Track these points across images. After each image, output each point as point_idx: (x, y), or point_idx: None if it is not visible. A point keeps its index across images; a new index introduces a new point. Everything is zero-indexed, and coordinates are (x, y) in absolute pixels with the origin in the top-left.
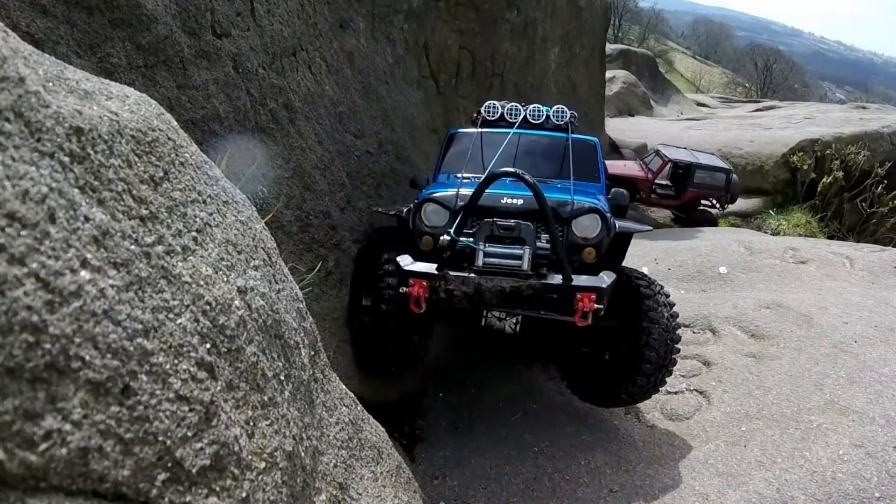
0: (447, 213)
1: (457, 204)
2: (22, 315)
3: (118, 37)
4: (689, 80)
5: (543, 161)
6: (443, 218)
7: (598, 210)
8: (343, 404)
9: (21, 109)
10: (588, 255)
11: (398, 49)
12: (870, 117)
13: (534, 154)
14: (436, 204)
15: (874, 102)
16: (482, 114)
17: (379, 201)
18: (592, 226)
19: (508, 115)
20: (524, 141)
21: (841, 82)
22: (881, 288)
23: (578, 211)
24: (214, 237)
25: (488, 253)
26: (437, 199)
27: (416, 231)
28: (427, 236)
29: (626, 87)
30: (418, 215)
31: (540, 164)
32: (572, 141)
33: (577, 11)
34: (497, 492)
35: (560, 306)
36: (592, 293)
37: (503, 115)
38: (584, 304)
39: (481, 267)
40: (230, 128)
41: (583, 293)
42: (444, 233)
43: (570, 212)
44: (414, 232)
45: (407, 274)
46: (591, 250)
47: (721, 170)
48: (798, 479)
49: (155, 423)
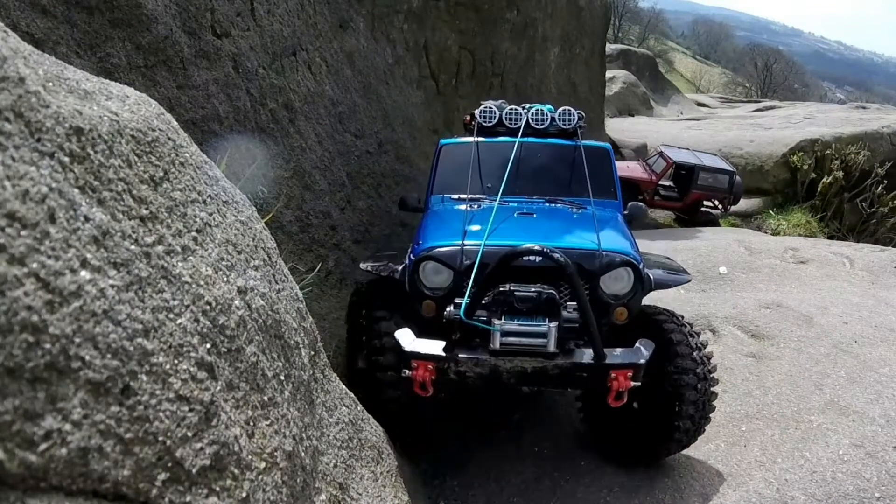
0: (451, 273)
1: (462, 262)
2: (22, 315)
3: (118, 37)
4: (689, 80)
5: (551, 176)
6: (446, 278)
7: (631, 263)
8: (343, 404)
9: (21, 109)
10: (619, 316)
11: (398, 49)
12: (870, 117)
13: (539, 167)
14: (437, 262)
15: (874, 102)
16: (477, 119)
17: (379, 201)
18: (624, 282)
19: (507, 119)
20: (527, 152)
21: (841, 82)
22: (881, 288)
23: (608, 265)
24: (214, 237)
25: (506, 331)
26: (437, 258)
27: (414, 293)
28: (428, 301)
29: (626, 87)
30: (416, 275)
31: (547, 179)
32: (584, 150)
33: (577, 11)
34: (497, 492)
35: (591, 384)
36: (629, 370)
37: (501, 119)
38: (618, 384)
39: (498, 349)
40: (230, 128)
41: (617, 371)
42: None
43: (599, 266)
44: (412, 294)
45: (410, 356)
46: (623, 310)
47: (724, 171)
48: (798, 479)
49: (155, 423)
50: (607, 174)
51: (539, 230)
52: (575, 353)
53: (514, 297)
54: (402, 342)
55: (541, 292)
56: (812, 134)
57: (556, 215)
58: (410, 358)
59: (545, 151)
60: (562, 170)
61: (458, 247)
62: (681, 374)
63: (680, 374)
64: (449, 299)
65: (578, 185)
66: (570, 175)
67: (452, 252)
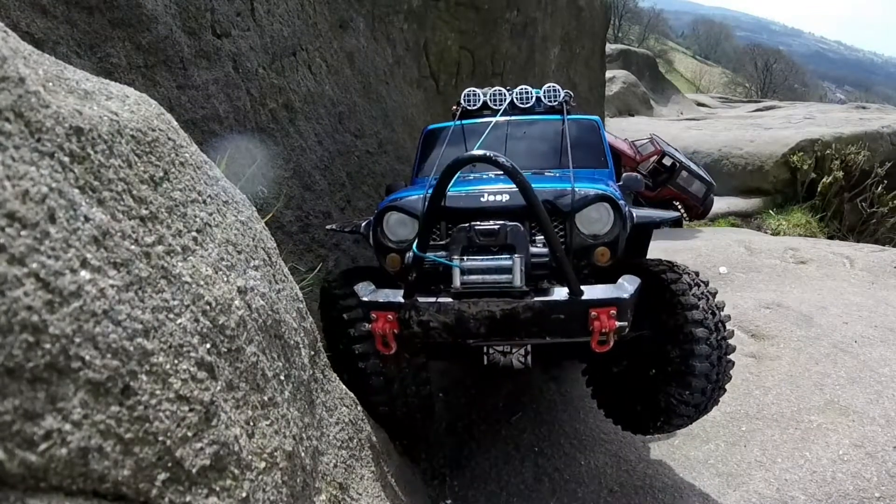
0: (415, 222)
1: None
2: (22, 315)
3: (118, 37)
4: (689, 80)
5: (538, 150)
6: (410, 230)
7: (607, 197)
8: (343, 404)
9: (21, 109)
10: (601, 257)
11: (398, 49)
12: (870, 117)
13: (526, 143)
14: (400, 213)
15: (874, 102)
16: (462, 104)
17: (379, 201)
18: (603, 218)
19: (492, 101)
20: (513, 129)
21: (841, 82)
22: (881, 288)
23: (582, 201)
24: (214, 237)
25: (467, 269)
26: (400, 207)
27: (379, 248)
28: (393, 254)
29: (626, 87)
30: (380, 228)
31: (534, 153)
32: (570, 123)
33: (577, 11)
34: (497, 492)
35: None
36: (611, 307)
37: (486, 102)
38: (601, 324)
39: (460, 288)
40: (230, 128)
41: (598, 309)
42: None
43: (572, 203)
44: (377, 250)
45: (367, 306)
46: (605, 250)
47: (704, 181)
48: (798, 479)
49: (155, 423)
50: (596, 145)
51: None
52: (549, 292)
53: (475, 231)
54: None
55: (504, 225)
56: (812, 134)
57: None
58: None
59: (531, 128)
60: (549, 145)
61: (423, 197)
62: (689, 324)
63: (686, 314)
64: None
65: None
66: (559, 149)
67: (415, 200)
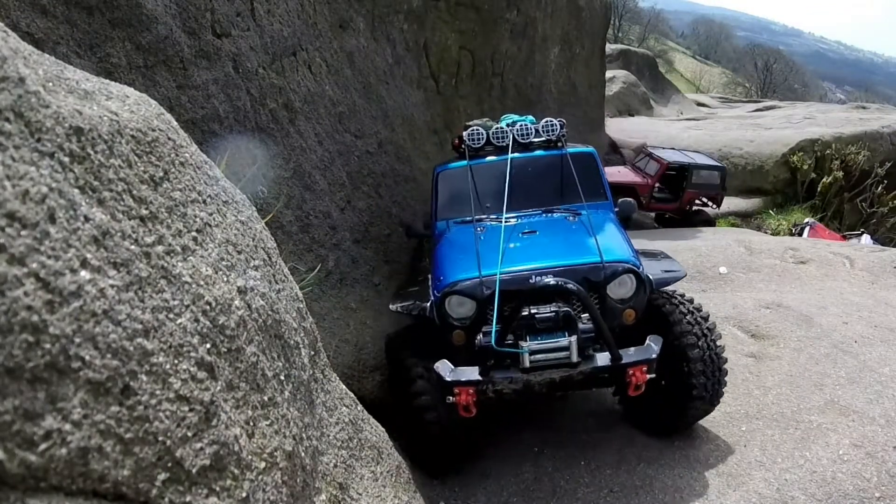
0: (474, 303)
1: (483, 292)
2: (22, 315)
3: (118, 37)
4: (689, 80)
5: (542, 186)
6: (470, 308)
7: (632, 270)
8: (343, 404)
9: (21, 109)
10: (628, 317)
11: (398, 49)
12: (870, 117)
13: (531, 180)
14: (460, 296)
15: (874, 102)
16: (465, 141)
17: (379, 201)
18: (628, 287)
19: (494, 138)
20: (517, 167)
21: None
22: (881, 288)
23: (612, 274)
24: (214, 237)
25: (533, 350)
26: (461, 292)
27: (443, 325)
28: (457, 331)
29: (626, 87)
30: (443, 309)
31: (539, 189)
32: (571, 157)
33: (577, 11)
34: (497, 492)
35: (612, 383)
36: (643, 365)
37: (489, 138)
38: (636, 378)
39: (528, 366)
40: (230, 128)
41: (634, 368)
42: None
43: (604, 277)
44: (441, 326)
45: (452, 385)
46: (631, 312)
47: (715, 167)
48: (798, 479)
49: (155, 423)
50: (595, 177)
51: (544, 249)
52: (595, 358)
53: (536, 320)
54: (442, 374)
55: (557, 312)
56: (812, 134)
57: (556, 228)
58: (452, 386)
59: (534, 164)
60: (552, 179)
61: (478, 279)
62: (680, 338)
63: (680, 339)
64: (476, 326)
65: (570, 191)
66: (561, 183)
67: (473, 285)
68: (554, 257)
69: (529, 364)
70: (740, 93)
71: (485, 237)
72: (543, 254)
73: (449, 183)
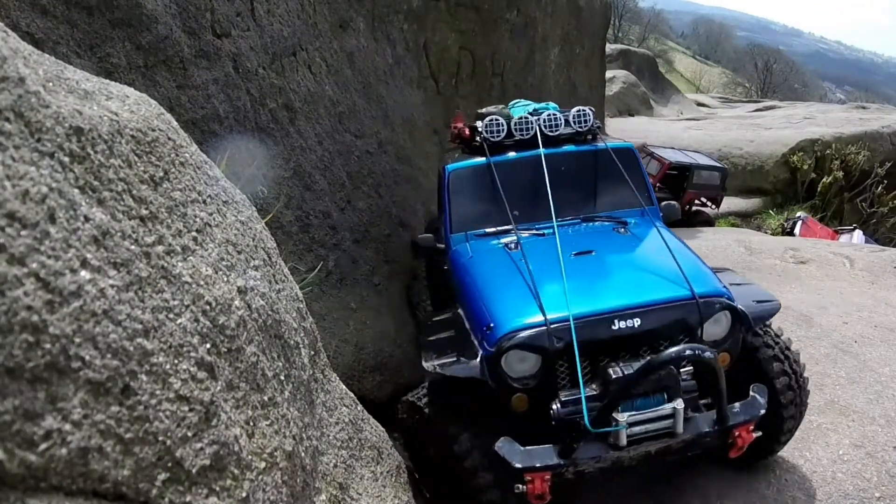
0: (539, 358)
1: (553, 344)
2: (22, 315)
3: (118, 37)
4: (689, 80)
5: (576, 188)
6: (533, 365)
7: (729, 307)
8: (343, 404)
9: (21, 109)
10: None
11: (398, 49)
12: (870, 117)
13: (562, 180)
14: (522, 350)
15: (874, 102)
16: (483, 133)
17: (379, 201)
18: (724, 325)
19: (517, 130)
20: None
21: (841, 82)
22: (881, 288)
23: (708, 312)
24: (214, 237)
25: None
26: (523, 345)
27: (500, 387)
28: (520, 394)
29: (626, 87)
30: (500, 368)
31: (572, 193)
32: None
33: (577, 11)
34: None
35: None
36: (750, 423)
37: (511, 130)
38: (742, 440)
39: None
40: (230, 128)
41: (740, 427)
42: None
43: (700, 318)
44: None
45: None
46: (725, 356)
47: (716, 168)
48: (798, 479)
49: (155, 423)
50: (638, 177)
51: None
52: (697, 422)
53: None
54: (508, 458)
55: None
56: (812, 134)
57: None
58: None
59: (566, 162)
60: (587, 180)
61: (543, 326)
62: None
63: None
64: (543, 388)
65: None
66: (597, 184)
67: (538, 334)
68: (633, 292)
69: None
70: (740, 93)
71: (529, 260)
72: (617, 286)
73: (464, 185)
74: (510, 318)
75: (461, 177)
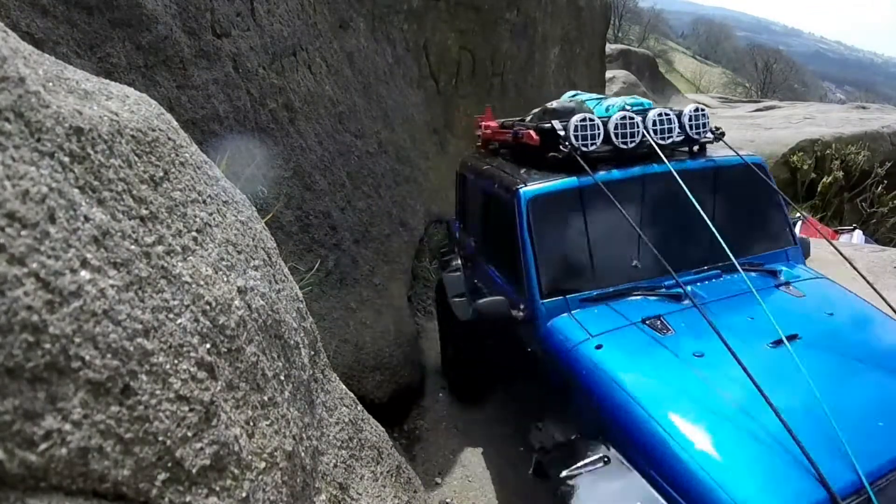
0: None
1: None
2: (22, 315)
3: (118, 37)
4: (689, 80)
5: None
6: None
7: None
8: (343, 404)
9: (21, 109)
10: None
11: (398, 49)
12: (870, 117)
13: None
14: None
15: (874, 102)
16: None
17: (379, 201)
18: None
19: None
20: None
21: (841, 82)
22: (881, 288)
23: None
24: (214, 237)
25: None
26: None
27: None
28: None
29: (626, 87)
30: None
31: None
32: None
33: (577, 11)
34: (497, 491)
35: None
36: None
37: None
38: None
39: None
40: (230, 128)
41: None
42: None
43: None
44: None
45: None
46: None
47: None
48: None
49: (155, 423)
50: (778, 207)
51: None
52: None
53: None
54: None
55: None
56: (812, 134)
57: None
58: None
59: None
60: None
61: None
62: None
63: None
64: None
65: (744, 229)
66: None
67: None
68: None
69: None
70: (740, 93)
71: (706, 360)
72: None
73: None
74: (751, 495)
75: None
